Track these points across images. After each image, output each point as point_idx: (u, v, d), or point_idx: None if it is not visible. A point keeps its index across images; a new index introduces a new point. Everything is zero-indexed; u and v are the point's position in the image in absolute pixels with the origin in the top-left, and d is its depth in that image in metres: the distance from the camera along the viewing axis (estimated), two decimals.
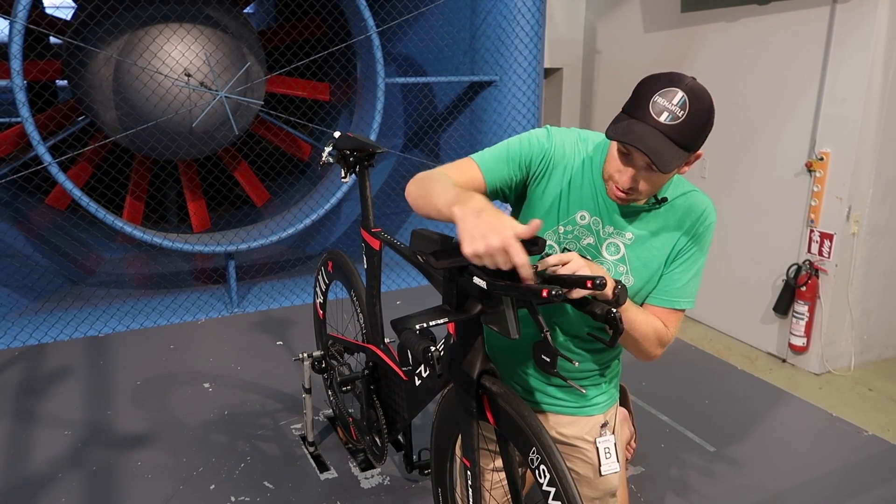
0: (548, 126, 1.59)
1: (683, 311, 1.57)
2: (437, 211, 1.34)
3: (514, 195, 1.59)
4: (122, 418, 3.13)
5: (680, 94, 1.29)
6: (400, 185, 5.98)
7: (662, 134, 1.29)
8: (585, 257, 1.46)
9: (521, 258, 1.15)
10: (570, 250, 1.53)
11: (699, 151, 1.39)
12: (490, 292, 1.31)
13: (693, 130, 1.31)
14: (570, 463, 1.68)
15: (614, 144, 1.40)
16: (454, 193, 1.30)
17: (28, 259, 4.93)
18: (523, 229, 1.16)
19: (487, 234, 1.15)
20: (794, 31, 4.35)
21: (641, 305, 1.56)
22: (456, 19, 5.46)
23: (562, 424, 1.68)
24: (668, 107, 1.29)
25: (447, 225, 1.33)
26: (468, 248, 1.17)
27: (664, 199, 1.50)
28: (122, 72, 4.77)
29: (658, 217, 1.52)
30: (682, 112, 1.28)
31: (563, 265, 1.32)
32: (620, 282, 1.39)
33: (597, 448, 1.68)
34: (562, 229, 1.54)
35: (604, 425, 1.70)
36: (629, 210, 1.51)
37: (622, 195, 1.43)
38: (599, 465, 1.68)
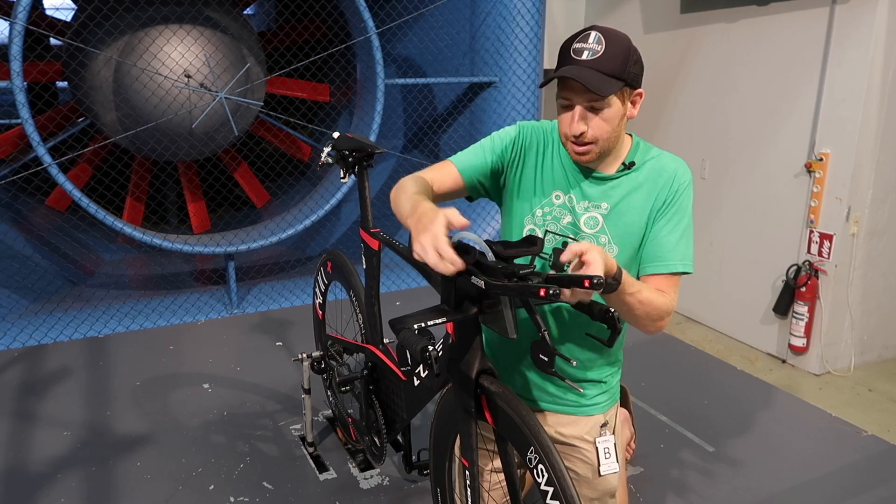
0: (520, 122, 1.67)
1: (680, 275, 1.51)
2: (403, 222, 1.41)
3: (493, 188, 1.65)
4: (122, 419, 3.13)
5: (593, 33, 1.41)
6: None
7: (589, 68, 1.39)
8: (574, 239, 1.50)
9: (448, 253, 1.20)
10: (556, 233, 1.56)
11: (640, 89, 1.47)
12: (488, 292, 1.31)
13: (616, 58, 1.39)
14: (570, 463, 1.68)
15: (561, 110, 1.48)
16: (410, 205, 1.38)
17: (28, 260, 4.93)
18: (455, 218, 1.24)
19: (420, 234, 1.23)
20: (793, 32, 4.35)
21: (638, 278, 1.52)
22: (456, 20, 5.47)
23: (561, 424, 1.68)
24: (586, 46, 1.41)
25: None
26: (413, 253, 1.24)
27: (632, 164, 1.54)
28: (122, 73, 4.77)
29: (629, 182, 1.54)
30: (599, 47, 1.40)
31: (579, 256, 1.24)
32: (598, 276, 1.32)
33: (596, 448, 1.67)
34: (539, 212, 1.58)
35: (604, 425, 1.69)
36: (600, 180, 1.54)
37: (580, 149, 1.47)
38: (598, 466, 1.67)
